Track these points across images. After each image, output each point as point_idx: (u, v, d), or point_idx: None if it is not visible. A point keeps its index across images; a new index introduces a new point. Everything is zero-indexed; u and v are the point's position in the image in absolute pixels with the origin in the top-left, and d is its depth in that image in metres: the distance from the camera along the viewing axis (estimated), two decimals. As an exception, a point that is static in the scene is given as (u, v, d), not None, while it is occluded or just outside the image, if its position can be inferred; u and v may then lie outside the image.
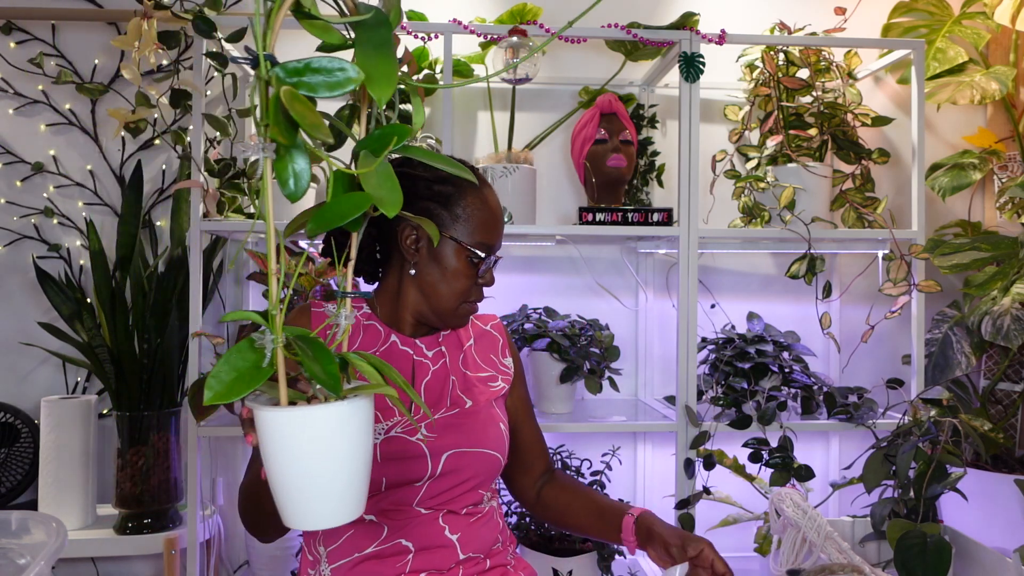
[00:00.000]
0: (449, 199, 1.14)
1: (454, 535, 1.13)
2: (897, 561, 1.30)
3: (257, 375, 0.63)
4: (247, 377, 0.63)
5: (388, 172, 0.70)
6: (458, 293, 1.15)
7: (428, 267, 1.15)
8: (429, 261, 1.15)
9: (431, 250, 1.14)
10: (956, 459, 1.54)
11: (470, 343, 1.26)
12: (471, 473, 1.15)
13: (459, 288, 1.15)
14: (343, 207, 0.67)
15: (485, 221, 1.15)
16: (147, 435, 1.84)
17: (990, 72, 2.07)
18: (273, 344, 0.65)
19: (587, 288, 2.17)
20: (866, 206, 2.00)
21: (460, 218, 1.14)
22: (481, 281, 1.18)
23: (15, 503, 1.99)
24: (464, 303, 1.17)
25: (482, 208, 1.16)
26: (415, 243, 1.14)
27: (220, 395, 0.61)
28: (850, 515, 1.76)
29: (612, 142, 1.94)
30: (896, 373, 2.19)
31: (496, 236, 1.18)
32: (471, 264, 1.15)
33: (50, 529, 1.21)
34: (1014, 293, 1.82)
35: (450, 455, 1.13)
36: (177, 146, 1.88)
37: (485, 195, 1.17)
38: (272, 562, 1.95)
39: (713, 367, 1.92)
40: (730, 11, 2.22)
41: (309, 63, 0.66)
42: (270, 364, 0.64)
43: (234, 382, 0.62)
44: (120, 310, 1.89)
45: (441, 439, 1.13)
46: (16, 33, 2.09)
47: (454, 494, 1.14)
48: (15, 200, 2.09)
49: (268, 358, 0.64)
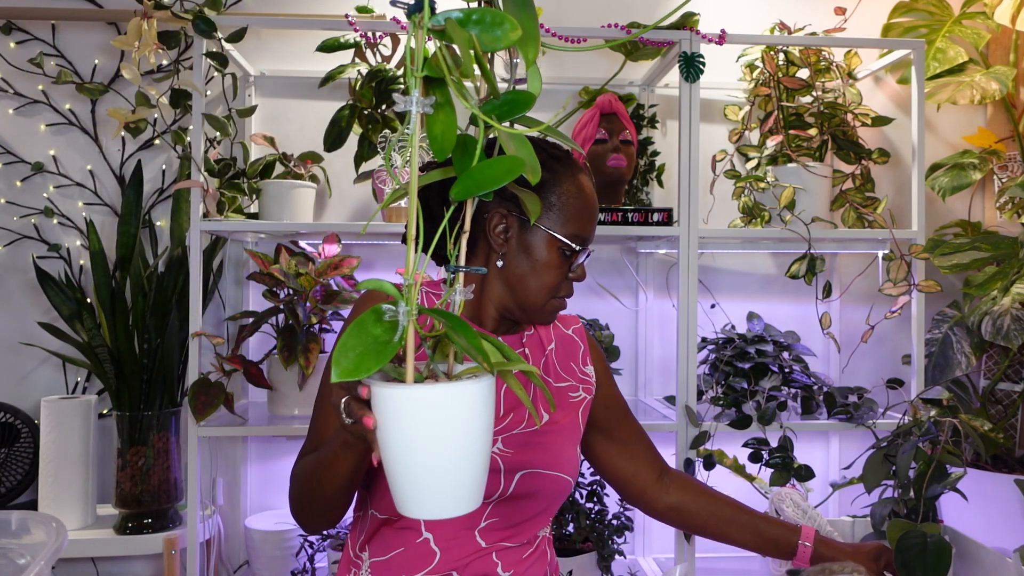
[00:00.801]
0: (543, 185, 1.06)
1: (507, 573, 1.08)
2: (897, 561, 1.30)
3: (386, 350, 0.59)
4: (375, 352, 0.58)
5: (523, 139, 0.66)
6: (548, 287, 1.08)
7: (517, 258, 1.07)
8: (518, 252, 1.07)
9: (521, 240, 1.07)
10: (956, 459, 1.54)
11: (551, 347, 1.20)
12: (542, 497, 1.09)
13: (549, 282, 1.08)
14: (495, 171, 0.62)
15: (581, 211, 1.08)
16: (147, 435, 1.84)
17: (990, 72, 2.07)
18: (407, 317, 0.61)
19: (587, 288, 2.17)
20: (866, 206, 2.00)
21: (554, 206, 1.07)
22: (572, 275, 1.11)
23: (15, 503, 1.99)
24: (553, 298, 1.09)
25: (578, 196, 1.08)
26: (504, 232, 1.07)
27: (349, 371, 0.57)
28: (850, 515, 1.76)
29: (612, 142, 1.94)
30: (896, 373, 2.19)
31: (591, 227, 1.10)
32: (563, 256, 1.07)
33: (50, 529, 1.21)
34: (1014, 293, 1.82)
35: (524, 475, 1.07)
36: (177, 146, 1.88)
37: (582, 182, 1.10)
38: (272, 562, 1.95)
39: (713, 367, 1.92)
40: (730, 11, 2.22)
41: (471, 14, 0.60)
42: (401, 338, 0.60)
43: (362, 357, 0.58)
44: (120, 310, 1.89)
45: (518, 455, 1.07)
46: (16, 33, 2.09)
47: (518, 519, 1.08)
48: (15, 200, 2.09)
49: (400, 332, 0.60)
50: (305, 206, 1.86)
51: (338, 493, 0.98)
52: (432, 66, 0.60)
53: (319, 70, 2.02)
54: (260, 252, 1.84)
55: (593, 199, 1.11)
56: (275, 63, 2.13)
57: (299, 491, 1.03)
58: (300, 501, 1.04)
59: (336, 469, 0.93)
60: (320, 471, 0.97)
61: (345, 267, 1.77)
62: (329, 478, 0.96)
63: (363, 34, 1.88)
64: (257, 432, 1.76)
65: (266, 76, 2.12)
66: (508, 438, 1.08)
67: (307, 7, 2.14)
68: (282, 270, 1.75)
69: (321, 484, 0.97)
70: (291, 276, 1.75)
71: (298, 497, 1.04)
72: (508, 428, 1.10)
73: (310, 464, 1.01)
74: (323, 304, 1.76)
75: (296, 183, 1.83)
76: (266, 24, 1.90)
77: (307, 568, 1.87)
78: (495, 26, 0.59)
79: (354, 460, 0.91)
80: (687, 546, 1.79)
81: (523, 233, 1.07)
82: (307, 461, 1.03)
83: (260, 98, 2.13)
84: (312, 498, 1.01)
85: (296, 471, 1.05)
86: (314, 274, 1.75)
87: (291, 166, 1.91)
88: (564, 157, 1.11)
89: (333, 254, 1.80)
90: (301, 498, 1.03)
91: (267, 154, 1.94)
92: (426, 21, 0.59)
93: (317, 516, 1.03)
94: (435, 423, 0.62)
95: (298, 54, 2.13)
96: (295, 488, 1.05)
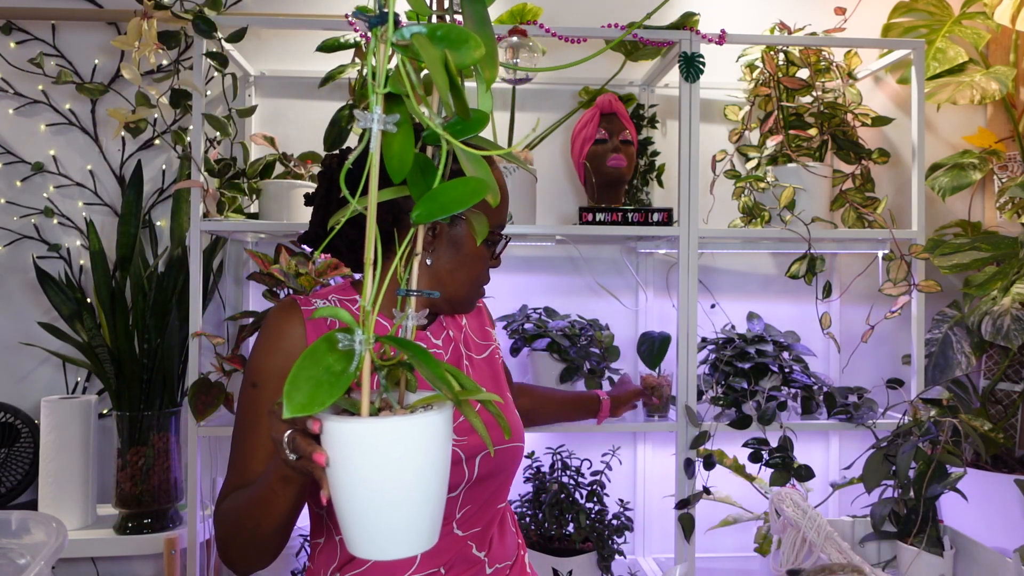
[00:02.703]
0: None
1: (481, 552, 1.09)
2: (641, 355, 1.91)
3: (340, 380, 0.55)
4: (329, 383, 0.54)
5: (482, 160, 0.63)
6: (475, 277, 1.11)
7: (445, 253, 1.09)
8: (447, 247, 1.09)
9: (449, 236, 1.09)
10: (956, 459, 1.54)
11: (464, 322, 1.23)
12: (502, 470, 1.11)
13: (477, 272, 1.11)
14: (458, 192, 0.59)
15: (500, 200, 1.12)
16: (147, 435, 1.84)
17: (990, 72, 2.07)
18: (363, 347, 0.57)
19: (587, 288, 2.17)
20: (866, 206, 2.00)
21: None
22: (492, 263, 1.15)
23: (15, 503, 1.99)
24: (478, 287, 1.14)
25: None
26: (431, 229, 1.08)
27: (302, 406, 0.53)
28: (850, 515, 1.76)
29: (612, 142, 1.94)
30: (896, 373, 2.19)
31: (504, 213, 1.14)
32: (488, 246, 1.11)
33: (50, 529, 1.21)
34: (1014, 293, 1.82)
35: (483, 457, 1.07)
36: (177, 146, 1.88)
37: (498, 171, 1.13)
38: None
39: (713, 367, 1.92)
40: (730, 11, 2.22)
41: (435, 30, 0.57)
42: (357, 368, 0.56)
43: (315, 389, 0.54)
44: (120, 310, 1.89)
45: (472, 439, 1.07)
46: (16, 33, 2.09)
47: (484, 499, 1.09)
48: (15, 200, 2.09)
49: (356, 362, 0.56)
50: (301, 216, 1.85)
51: (276, 531, 0.91)
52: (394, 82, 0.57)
53: (319, 70, 2.02)
54: (260, 252, 1.84)
55: (505, 188, 1.14)
56: (275, 63, 2.13)
57: (230, 533, 0.96)
58: (232, 543, 0.96)
59: (273, 506, 0.87)
60: (255, 509, 0.90)
61: (345, 267, 1.78)
62: (265, 516, 0.88)
63: (363, 34, 1.88)
64: (257, 432, 1.76)
65: (266, 76, 2.12)
66: (459, 426, 1.07)
67: (307, 7, 2.14)
68: (282, 270, 1.75)
69: (257, 523, 0.90)
70: (291, 276, 1.75)
71: (230, 539, 0.96)
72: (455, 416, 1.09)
73: (242, 503, 0.93)
74: (323, 304, 1.76)
75: (296, 183, 1.83)
76: (266, 24, 1.90)
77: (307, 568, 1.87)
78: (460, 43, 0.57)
79: (293, 496, 0.86)
80: (687, 546, 1.79)
81: (450, 229, 1.08)
82: (237, 500, 0.96)
83: (260, 98, 2.13)
84: (248, 540, 0.93)
85: (224, 511, 0.98)
86: (314, 274, 1.75)
87: (291, 166, 1.91)
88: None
89: (333, 254, 1.80)
90: (234, 540, 0.95)
91: (267, 154, 1.94)
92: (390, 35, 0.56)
93: (253, 558, 0.96)
94: (399, 457, 0.57)
95: (298, 54, 2.13)
96: (224, 530, 0.97)
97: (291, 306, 1.05)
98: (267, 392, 1.01)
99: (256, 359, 1.03)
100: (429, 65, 0.54)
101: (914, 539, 1.52)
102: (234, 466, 1.02)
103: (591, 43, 2.14)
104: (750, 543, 1.75)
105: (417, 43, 0.56)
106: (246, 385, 1.03)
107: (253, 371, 1.03)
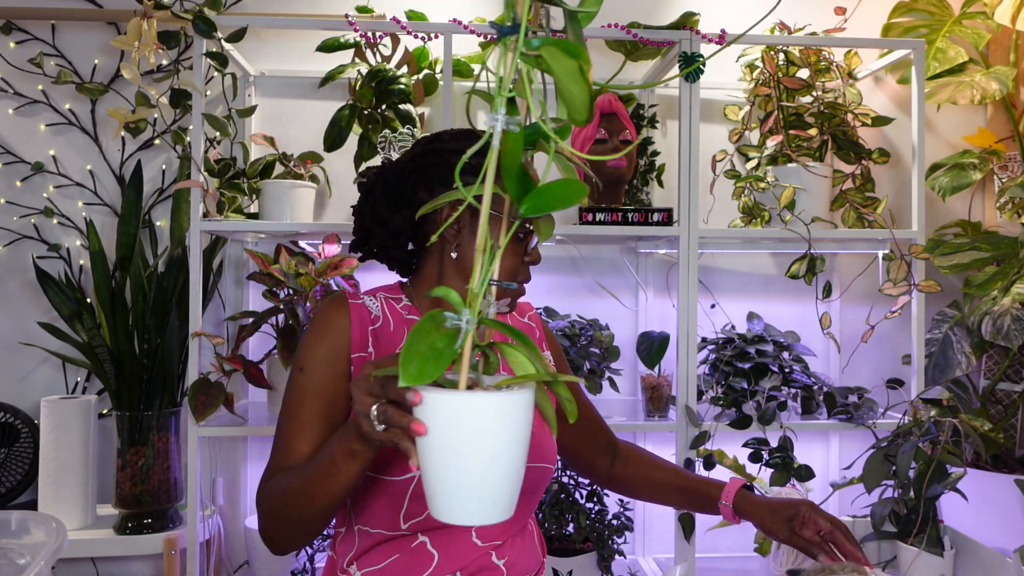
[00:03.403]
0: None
1: (501, 560, 1.09)
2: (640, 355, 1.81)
3: (442, 357, 0.61)
4: (434, 359, 0.60)
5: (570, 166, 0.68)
6: (505, 273, 1.07)
7: (470, 248, 1.07)
8: (471, 241, 1.06)
9: (472, 229, 1.06)
10: (956, 459, 1.54)
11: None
12: (533, 489, 1.10)
13: (506, 268, 1.07)
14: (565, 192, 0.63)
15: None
16: (147, 435, 1.84)
17: (990, 72, 2.07)
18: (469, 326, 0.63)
19: (587, 288, 2.17)
20: (866, 206, 2.00)
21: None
22: (528, 259, 1.10)
23: (15, 503, 1.99)
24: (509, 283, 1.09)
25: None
26: (455, 222, 1.06)
27: (414, 376, 0.58)
28: (850, 515, 1.76)
29: (612, 142, 1.94)
30: (896, 373, 2.19)
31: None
32: (516, 241, 1.07)
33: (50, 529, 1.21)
34: (1014, 293, 1.82)
35: None
36: (177, 146, 1.88)
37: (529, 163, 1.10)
38: (272, 562, 1.95)
39: (713, 367, 1.92)
40: (730, 11, 2.22)
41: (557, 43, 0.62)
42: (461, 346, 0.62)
43: (423, 363, 0.59)
44: (120, 310, 1.89)
45: None
46: (16, 33, 2.09)
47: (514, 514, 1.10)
48: (15, 200, 2.09)
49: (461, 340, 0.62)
50: (305, 206, 1.85)
51: (328, 508, 0.94)
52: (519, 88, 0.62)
53: (319, 70, 2.02)
54: (260, 252, 1.84)
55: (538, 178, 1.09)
56: (275, 63, 2.13)
57: (278, 511, 0.98)
58: (278, 522, 0.98)
59: (333, 482, 0.90)
60: (310, 486, 0.93)
61: (345, 267, 1.78)
62: (321, 493, 0.92)
63: (363, 34, 1.88)
64: (257, 432, 1.76)
65: (266, 76, 2.12)
66: None
67: (307, 7, 2.14)
68: (282, 270, 1.76)
69: (311, 500, 0.93)
70: (291, 276, 1.75)
71: (276, 518, 0.99)
72: None
73: (295, 481, 0.96)
74: (323, 304, 1.76)
75: (296, 183, 1.83)
76: (266, 24, 1.90)
77: (307, 568, 1.87)
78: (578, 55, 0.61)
79: (356, 472, 0.89)
80: (687, 546, 1.79)
81: (474, 222, 1.05)
82: (288, 478, 0.98)
83: (260, 98, 2.13)
84: (296, 517, 0.96)
85: (271, 490, 1.00)
86: (314, 274, 1.75)
87: (291, 166, 1.91)
88: None
89: (333, 254, 1.80)
90: (281, 518, 0.98)
91: (267, 154, 1.94)
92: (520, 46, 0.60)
93: (298, 535, 0.99)
94: (493, 430, 0.63)
95: (298, 54, 2.13)
96: (271, 508, 0.99)
97: (340, 299, 1.10)
98: (313, 377, 1.05)
99: (304, 347, 1.08)
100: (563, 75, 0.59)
101: (914, 539, 1.52)
102: (279, 447, 1.05)
103: (591, 43, 2.14)
104: (750, 543, 1.75)
105: (548, 55, 0.60)
106: (294, 370, 1.07)
107: (301, 357, 1.07)
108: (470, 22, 1.83)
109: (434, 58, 2.05)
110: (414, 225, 1.10)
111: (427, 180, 1.09)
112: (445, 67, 1.79)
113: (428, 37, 1.95)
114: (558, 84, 0.61)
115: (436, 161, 1.09)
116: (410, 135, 1.80)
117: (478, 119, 2.17)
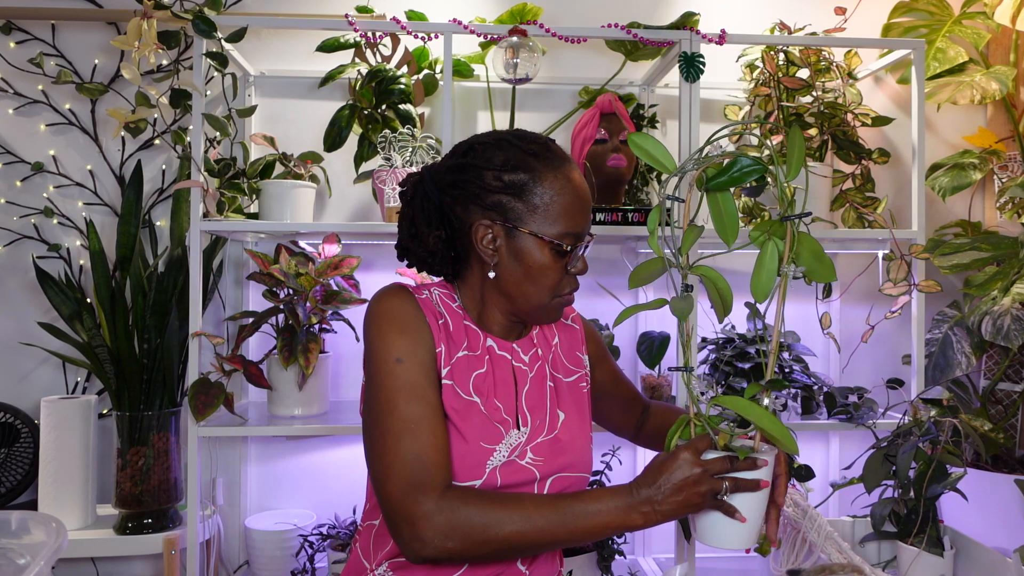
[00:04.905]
0: (523, 188, 1.01)
1: (524, 566, 1.09)
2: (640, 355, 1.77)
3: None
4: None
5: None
6: (547, 289, 1.05)
7: (509, 267, 1.04)
8: (509, 260, 1.04)
9: (510, 247, 1.03)
10: (956, 459, 1.54)
11: (556, 341, 1.19)
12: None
13: (547, 284, 1.04)
14: (739, 172, 1.15)
15: (568, 206, 1.03)
16: (147, 435, 1.84)
17: (990, 72, 2.07)
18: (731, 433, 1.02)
19: (587, 288, 2.17)
20: (866, 206, 2.00)
21: (539, 208, 1.01)
22: (573, 270, 1.07)
23: (15, 503, 1.99)
24: (556, 297, 1.07)
25: (563, 192, 1.02)
26: (492, 242, 1.03)
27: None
28: (850, 515, 1.76)
29: (612, 142, 1.94)
30: (896, 373, 2.19)
31: (584, 220, 1.05)
32: (557, 256, 1.03)
33: (50, 529, 1.21)
34: (1014, 293, 1.82)
35: (554, 479, 1.08)
36: (177, 146, 1.88)
37: (567, 174, 1.04)
38: (272, 562, 1.95)
39: (713, 367, 1.92)
40: (730, 11, 2.22)
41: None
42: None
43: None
44: (120, 310, 1.89)
45: (548, 462, 1.08)
46: (16, 33, 2.09)
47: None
48: (15, 200, 2.09)
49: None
50: (305, 206, 1.85)
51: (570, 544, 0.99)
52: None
53: (319, 70, 2.02)
54: (260, 252, 1.84)
55: (582, 190, 1.05)
56: (275, 63, 2.13)
57: (511, 542, 0.94)
58: (502, 551, 0.95)
59: (612, 531, 0.97)
60: (584, 534, 0.95)
61: (345, 267, 1.78)
62: (588, 535, 0.96)
63: (363, 34, 1.88)
64: (257, 432, 1.76)
65: (266, 76, 2.12)
66: (536, 446, 1.07)
67: (307, 7, 2.14)
68: (282, 270, 1.75)
69: (571, 536, 0.95)
70: (291, 276, 1.75)
71: (500, 548, 0.94)
72: (533, 436, 1.09)
73: (549, 524, 0.95)
74: (323, 304, 1.76)
75: (296, 183, 1.83)
76: (266, 24, 1.90)
77: (307, 568, 1.87)
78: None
79: (643, 526, 0.98)
80: (687, 546, 1.79)
81: (511, 240, 1.03)
82: (523, 511, 0.95)
83: (260, 98, 2.13)
84: (533, 549, 0.96)
85: (496, 525, 0.94)
86: (314, 274, 1.75)
87: (291, 166, 1.91)
88: (542, 152, 1.05)
89: (333, 254, 1.80)
90: (507, 548, 0.95)
91: (267, 154, 1.94)
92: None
93: (506, 555, 0.98)
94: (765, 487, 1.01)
95: (298, 54, 2.13)
96: (499, 539, 0.94)
97: (402, 290, 1.07)
98: (414, 367, 1.01)
99: (387, 337, 1.02)
100: (794, 151, 1.00)
101: (914, 539, 1.52)
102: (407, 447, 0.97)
103: (591, 43, 2.15)
104: (750, 543, 1.75)
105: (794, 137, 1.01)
106: (388, 363, 1.01)
107: (391, 349, 1.02)
108: (470, 22, 1.83)
109: (434, 58, 2.05)
110: (450, 240, 1.07)
111: (463, 197, 1.05)
112: (445, 67, 1.79)
113: (428, 37, 1.95)
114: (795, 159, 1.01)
115: (470, 177, 1.04)
116: (410, 135, 1.80)
117: (478, 119, 2.17)
